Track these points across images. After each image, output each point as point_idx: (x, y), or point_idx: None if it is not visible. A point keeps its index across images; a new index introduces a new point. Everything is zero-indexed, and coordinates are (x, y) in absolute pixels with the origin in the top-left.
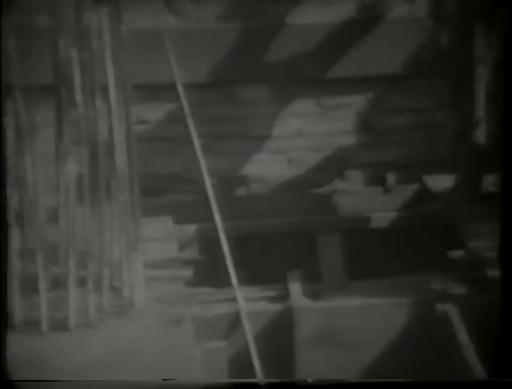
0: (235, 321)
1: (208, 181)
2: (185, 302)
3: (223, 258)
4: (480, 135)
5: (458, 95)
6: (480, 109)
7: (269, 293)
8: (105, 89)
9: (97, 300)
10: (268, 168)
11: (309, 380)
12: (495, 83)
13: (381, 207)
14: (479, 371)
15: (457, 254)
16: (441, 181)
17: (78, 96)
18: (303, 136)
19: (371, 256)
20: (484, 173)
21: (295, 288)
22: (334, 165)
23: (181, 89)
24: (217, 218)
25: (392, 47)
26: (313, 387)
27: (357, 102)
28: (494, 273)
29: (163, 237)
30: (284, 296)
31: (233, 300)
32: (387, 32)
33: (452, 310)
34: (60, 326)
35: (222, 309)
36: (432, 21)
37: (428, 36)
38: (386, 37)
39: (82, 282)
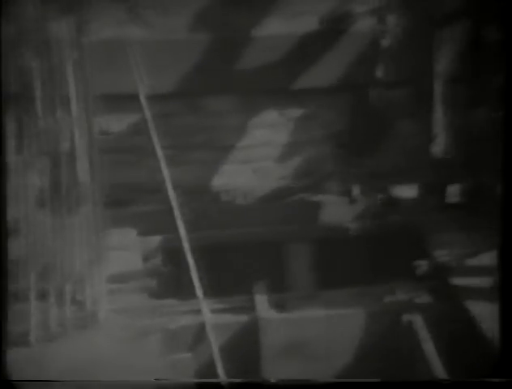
0: (200, 333)
1: (172, 192)
2: (149, 314)
3: (188, 269)
4: (441, 147)
5: (418, 107)
6: (439, 121)
7: (234, 305)
8: (67, 100)
9: (59, 313)
10: (234, 178)
11: (273, 380)
12: (453, 95)
13: (347, 218)
14: (443, 378)
15: (422, 263)
16: (406, 192)
17: (39, 107)
18: (269, 146)
19: (337, 266)
20: (448, 184)
21: (261, 299)
22: (301, 176)
23: (144, 100)
24: (182, 229)
25: (356, 59)
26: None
27: (323, 113)
28: (458, 281)
29: (127, 248)
30: (250, 307)
31: (198, 311)
32: (351, 44)
33: (417, 319)
34: (21, 340)
35: (187, 320)
36: (394, 34)
37: (390, 48)
38: (351, 49)
39: (43, 295)
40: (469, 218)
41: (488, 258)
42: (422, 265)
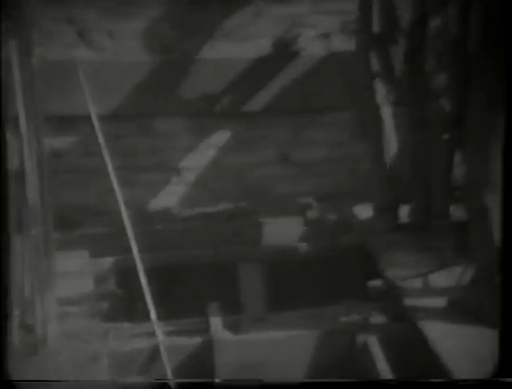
0: (154, 355)
1: (125, 213)
2: (101, 338)
3: (141, 291)
4: (394, 167)
5: (369, 128)
6: (392, 141)
7: (188, 327)
8: (16, 120)
9: (8, 338)
10: (187, 199)
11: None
12: (400, 117)
13: (301, 238)
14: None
15: (376, 283)
16: (359, 212)
17: None
18: (221, 168)
19: (292, 287)
20: (400, 204)
21: (215, 320)
22: (253, 196)
23: (95, 121)
24: (135, 250)
25: (308, 81)
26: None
27: (275, 135)
28: (411, 302)
29: (78, 271)
30: (204, 329)
31: (152, 334)
32: (303, 67)
33: (372, 340)
34: None
35: (140, 343)
36: (343, 58)
37: (340, 71)
38: (303, 72)
39: None
40: (421, 238)
41: (440, 279)
42: (376, 285)
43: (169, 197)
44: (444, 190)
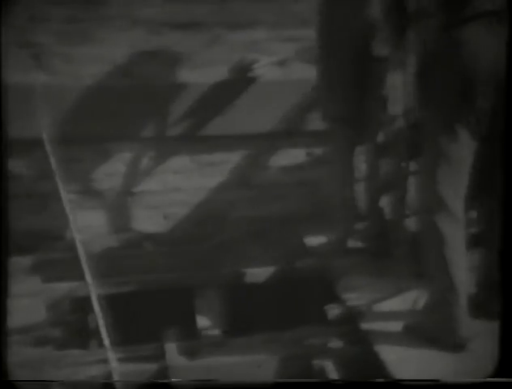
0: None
1: (79, 238)
2: (53, 366)
3: (94, 317)
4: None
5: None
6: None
7: (143, 353)
8: None
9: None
10: (144, 223)
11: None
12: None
13: (260, 262)
14: None
15: (333, 307)
16: (317, 236)
17: None
18: (180, 192)
19: (249, 312)
20: (356, 229)
21: (171, 346)
22: (212, 220)
23: (49, 145)
24: (88, 276)
25: (266, 107)
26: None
27: (233, 159)
28: (368, 326)
29: (30, 297)
30: (159, 355)
31: (105, 361)
32: (261, 93)
33: (328, 364)
34: None
35: (93, 371)
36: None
37: (297, 96)
38: (260, 97)
39: None
40: (377, 263)
41: (397, 303)
42: (333, 309)
43: (125, 221)
44: (398, 215)
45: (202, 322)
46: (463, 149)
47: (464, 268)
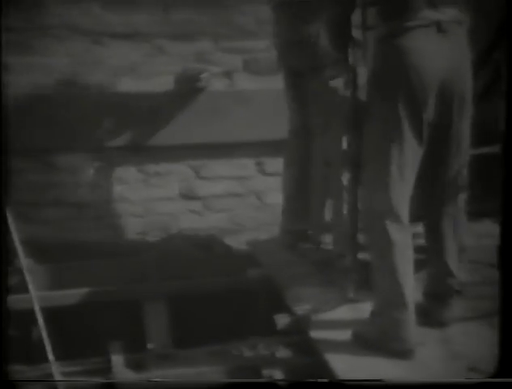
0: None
1: (22, 251)
2: None
3: (38, 331)
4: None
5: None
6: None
7: (89, 367)
8: None
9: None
10: (90, 234)
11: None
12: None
13: (207, 273)
14: None
15: (282, 317)
16: (265, 246)
17: None
18: (126, 202)
19: (197, 323)
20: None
21: (117, 359)
22: (158, 231)
23: None
24: (32, 289)
25: (214, 117)
26: None
27: (179, 169)
28: (317, 335)
29: None
30: (105, 368)
31: (50, 376)
32: (208, 104)
33: (277, 374)
34: None
35: (37, 386)
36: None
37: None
38: (208, 107)
39: None
40: (325, 272)
41: (345, 312)
42: (282, 319)
43: (70, 233)
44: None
45: (149, 334)
46: (410, 156)
47: (411, 276)
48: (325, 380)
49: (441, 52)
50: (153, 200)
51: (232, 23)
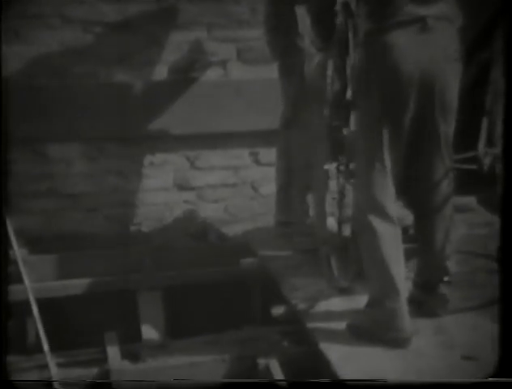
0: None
1: (15, 242)
2: None
3: (33, 322)
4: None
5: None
6: None
7: (84, 357)
8: None
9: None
10: (84, 225)
11: None
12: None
13: (202, 263)
14: None
15: (277, 307)
16: (259, 235)
17: None
18: (120, 193)
19: (193, 313)
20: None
21: (112, 350)
22: (153, 222)
23: None
24: (26, 280)
25: (208, 107)
26: None
27: (174, 160)
28: (312, 325)
29: None
30: (101, 359)
31: (45, 366)
32: (202, 93)
33: (274, 363)
34: None
35: (32, 376)
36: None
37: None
38: (202, 97)
39: None
40: (323, 263)
41: (340, 303)
42: (278, 309)
43: (64, 223)
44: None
45: (144, 324)
46: (392, 151)
47: (402, 266)
48: (326, 380)
49: (423, 49)
50: (148, 190)
51: (227, 12)
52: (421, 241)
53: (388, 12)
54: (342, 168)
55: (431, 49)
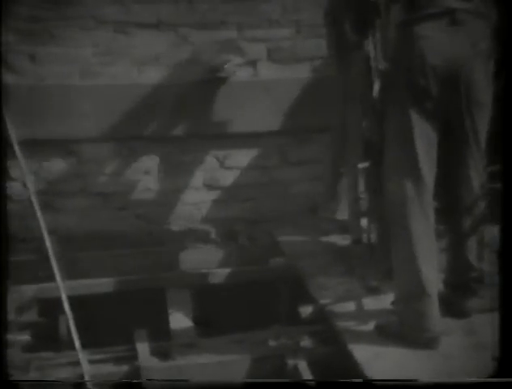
0: (79, 385)
1: (48, 240)
2: (21, 369)
3: (65, 319)
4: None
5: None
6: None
7: (115, 354)
8: None
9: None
10: (115, 224)
11: None
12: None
13: (231, 262)
14: None
15: (306, 307)
16: (288, 236)
17: None
18: (151, 192)
19: (221, 312)
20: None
21: (142, 347)
22: (183, 221)
23: (16, 146)
24: (58, 278)
25: (237, 106)
26: None
27: (203, 159)
28: (341, 325)
29: None
30: (131, 356)
31: (77, 363)
32: (232, 93)
33: (302, 363)
34: None
35: (64, 373)
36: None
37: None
38: (232, 98)
39: None
40: (352, 262)
41: (368, 302)
42: (306, 309)
43: (96, 222)
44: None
45: (174, 322)
46: (423, 144)
47: (433, 266)
48: (354, 380)
49: (451, 42)
50: (177, 190)
51: (257, 11)
52: (453, 239)
53: (419, 3)
54: (373, 167)
55: (459, 43)
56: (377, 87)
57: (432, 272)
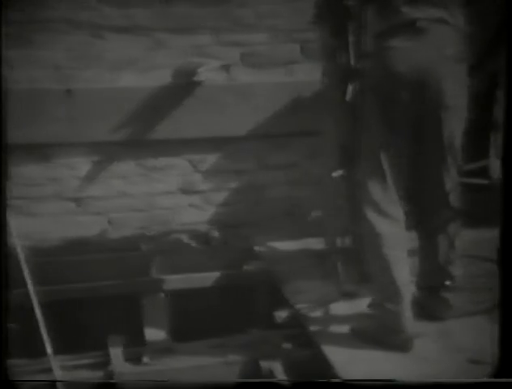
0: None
1: (19, 246)
2: None
3: (36, 325)
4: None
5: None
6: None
7: (88, 361)
8: None
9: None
10: (88, 229)
11: None
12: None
13: (206, 267)
14: None
15: (281, 311)
16: (264, 241)
17: None
18: (125, 197)
19: (196, 316)
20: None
21: (116, 352)
22: (158, 226)
23: None
24: (29, 284)
25: (212, 111)
26: None
27: (178, 164)
28: (316, 329)
29: None
30: (105, 362)
31: (49, 370)
32: (207, 97)
33: (277, 367)
34: None
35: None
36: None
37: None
38: (204, 101)
39: None
40: (323, 266)
41: (343, 306)
42: (281, 313)
43: (69, 228)
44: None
45: (148, 328)
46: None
47: (406, 270)
48: (328, 380)
49: (417, 51)
50: (152, 194)
51: (232, 16)
52: (424, 244)
53: (389, 15)
54: (347, 175)
55: (425, 50)
56: (350, 91)
57: (404, 275)
